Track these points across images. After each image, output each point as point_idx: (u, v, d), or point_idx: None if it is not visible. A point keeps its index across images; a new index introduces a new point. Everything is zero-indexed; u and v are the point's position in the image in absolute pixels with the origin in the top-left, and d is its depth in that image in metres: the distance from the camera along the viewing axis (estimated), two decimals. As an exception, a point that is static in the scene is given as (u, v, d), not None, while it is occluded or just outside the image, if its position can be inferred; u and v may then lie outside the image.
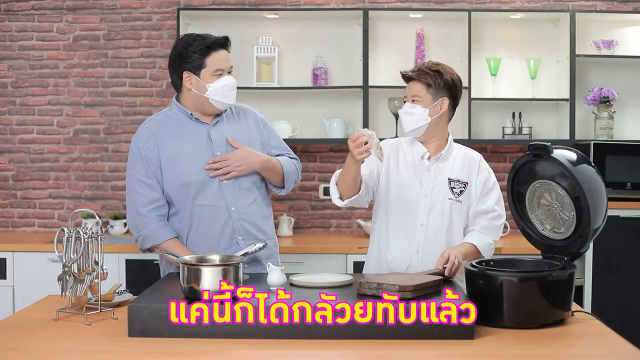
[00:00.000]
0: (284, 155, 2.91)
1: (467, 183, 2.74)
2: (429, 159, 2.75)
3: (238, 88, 2.80)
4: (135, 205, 2.74)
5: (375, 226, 2.83)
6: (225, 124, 2.81)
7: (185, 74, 2.73)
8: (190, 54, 2.70)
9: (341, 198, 2.67)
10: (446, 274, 2.48)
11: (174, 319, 2.07)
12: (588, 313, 2.37)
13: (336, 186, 2.68)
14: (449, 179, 2.73)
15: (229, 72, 2.76)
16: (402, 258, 2.72)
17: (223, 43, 2.74)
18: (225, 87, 2.72)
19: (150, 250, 2.77)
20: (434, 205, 2.71)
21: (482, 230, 2.72)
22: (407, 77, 2.75)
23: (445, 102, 2.71)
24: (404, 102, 2.76)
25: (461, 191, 2.73)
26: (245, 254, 2.54)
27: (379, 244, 2.80)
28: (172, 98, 4.61)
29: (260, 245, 2.62)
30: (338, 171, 2.69)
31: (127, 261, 4.02)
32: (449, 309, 2.07)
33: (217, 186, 2.74)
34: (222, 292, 2.15)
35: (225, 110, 2.82)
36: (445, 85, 2.69)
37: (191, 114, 2.78)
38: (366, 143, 2.47)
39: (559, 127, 4.54)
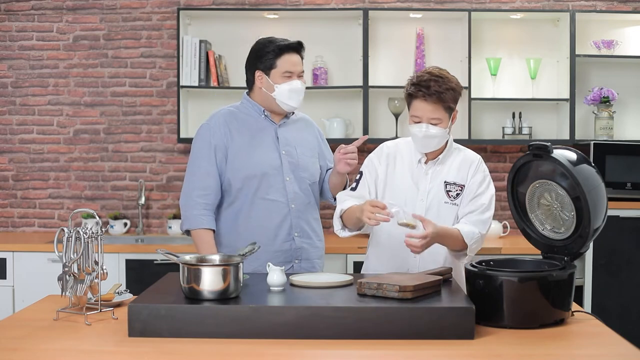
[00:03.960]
0: None
1: (463, 186, 2.71)
2: (426, 162, 2.73)
3: (239, 88, 2.83)
4: (189, 187, 2.87)
5: (373, 229, 2.81)
6: (291, 127, 2.95)
7: (258, 73, 2.87)
8: (264, 54, 2.83)
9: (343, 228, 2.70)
10: (408, 244, 2.46)
11: (174, 319, 2.07)
12: (588, 313, 2.37)
13: (340, 219, 2.70)
14: (445, 182, 2.71)
15: (300, 77, 2.86)
16: (399, 261, 2.70)
17: (296, 47, 2.86)
18: (292, 90, 2.83)
19: (187, 233, 2.87)
20: (430, 209, 2.68)
21: (468, 222, 2.66)
22: (415, 96, 2.60)
23: (456, 112, 2.67)
24: (416, 122, 2.61)
25: (457, 194, 2.70)
26: (243, 255, 2.54)
27: (377, 246, 2.80)
28: (172, 98, 4.64)
29: (257, 247, 2.61)
30: (344, 204, 2.68)
31: (127, 261, 4.02)
32: (448, 309, 2.07)
33: (280, 183, 2.86)
34: (222, 292, 2.16)
35: (293, 114, 2.95)
36: (457, 99, 2.64)
37: (263, 110, 2.90)
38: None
39: (559, 127, 4.54)
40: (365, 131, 4.33)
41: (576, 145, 4.27)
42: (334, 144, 4.51)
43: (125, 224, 4.52)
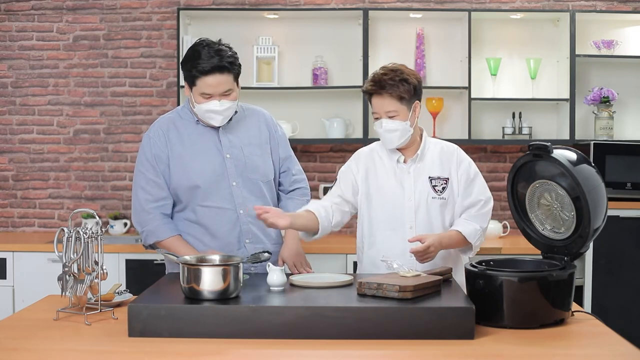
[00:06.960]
0: (291, 173, 2.91)
1: (448, 179, 2.71)
2: (404, 162, 2.72)
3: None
4: (140, 202, 2.75)
5: (363, 231, 2.79)
6: (237, 127, 2.80)
7: (185, 83, 2.73)
8: (190, 68, 2.64)
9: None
10: (413, 252, 2.49)
11: (174, 319, 2.07)
12: (588, 313, 2.37)
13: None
14: (429, 177, 2.70)
15: (225, 95, 2.65)
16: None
17: (220, 69, 2.61)
18: (209, 112, 2.66)
19: (152, 247, 2.78)
20: (419, 207, 2.68)
21: (469, 218, 2.68)
22: (370, 93, 2.64)
23: (418, 105, 2.66)
24: (376, 118, 2.65)
25: (443, 188, 2.70)
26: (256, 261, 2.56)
27: (370, 249, 2.76)
28: (172, 98, 4.64)
29: (266, 255, 2.58)
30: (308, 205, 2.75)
31: (127, 261, 4.02)
32: (448, 309, 2.07)
33: (226, 189, 2.73)
34: (222, 292, 2.16)
35: (236, 113, 2.79)
36: (414, 90, 2.63)
37: None
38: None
39: (559, 127, 4.54)
40: (366, 131, 4.33)
41: (576, 145, 4.27)
42: (334, 143, 4.57)
43: (125, 224, 4.52)
